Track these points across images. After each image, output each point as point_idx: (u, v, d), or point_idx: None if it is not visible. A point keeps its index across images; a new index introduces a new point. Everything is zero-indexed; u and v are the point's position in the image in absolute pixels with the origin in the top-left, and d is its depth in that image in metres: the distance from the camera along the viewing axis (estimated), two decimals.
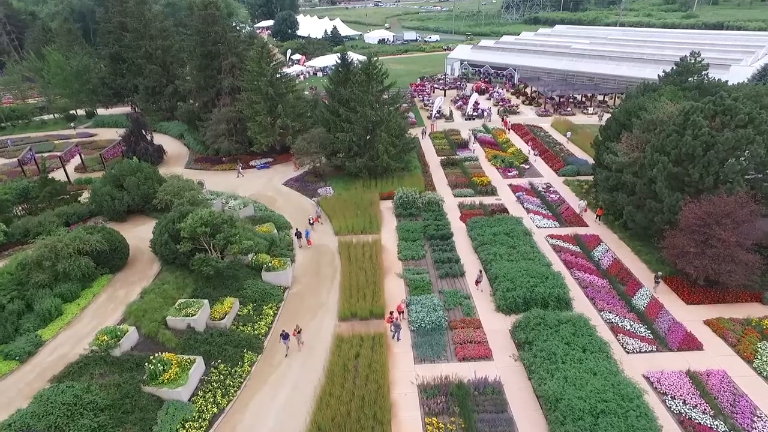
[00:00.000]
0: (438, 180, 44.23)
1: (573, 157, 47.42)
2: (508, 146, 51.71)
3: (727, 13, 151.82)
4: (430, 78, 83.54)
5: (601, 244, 32.63)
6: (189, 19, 61.90)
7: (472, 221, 34.89)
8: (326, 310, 27.29)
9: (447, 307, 26.75)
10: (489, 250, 30.72)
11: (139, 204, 34.59)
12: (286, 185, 44.91)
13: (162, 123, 62.93)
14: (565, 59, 76.40)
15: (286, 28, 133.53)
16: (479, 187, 41.60)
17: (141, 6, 60.47)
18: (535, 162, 47.53)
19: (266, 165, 49.41)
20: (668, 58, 70.29)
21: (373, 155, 42.78)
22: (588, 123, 59.10)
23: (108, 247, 26.77)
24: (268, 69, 46.58)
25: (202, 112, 54.46)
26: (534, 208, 38.12)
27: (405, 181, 43.00)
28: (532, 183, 42.58)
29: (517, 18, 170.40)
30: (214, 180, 46.68)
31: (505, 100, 68.29)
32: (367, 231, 35.21)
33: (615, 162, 33.50)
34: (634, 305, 26.36)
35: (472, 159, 48.07)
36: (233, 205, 37.29)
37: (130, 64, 64.03)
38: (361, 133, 42.07)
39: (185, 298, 25.59)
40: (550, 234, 34.11)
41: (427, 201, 37.83)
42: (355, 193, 41.35)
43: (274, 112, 48.00)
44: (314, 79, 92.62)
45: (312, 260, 32.57)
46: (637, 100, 36.48)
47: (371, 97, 41.02)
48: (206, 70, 52.93)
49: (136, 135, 49.90)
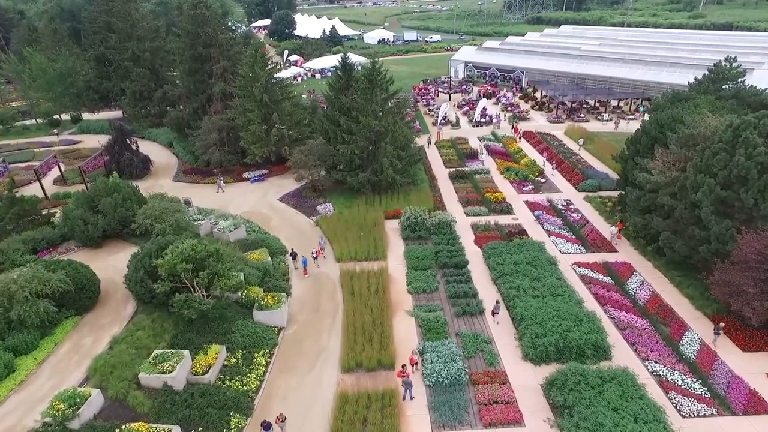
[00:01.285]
0: (447, 195, 40.64)
1: (592, 170, 43.87)
2: (520, 157, 48.14)
3: (733, 13, 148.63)
4: (434, 81, 79.90)
5: (635, 274, 29.09)
6: (178, 19, 58.10)
7: (489, 247, 31.29)
8: (327, 357, 23.68)
9: (467, 355, 23.17)
10: (511, 283, 27.15)
11: (116, 228, 30.85)
12: (282, 201, 41.23)
13: (150, 130, 59.17)
14: (575, 62, 72.88)
15: (283, 27, 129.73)
16: (493, 205, 38.02)
17: (127, 5, 56.66)
18: (552, 176, 43.93)
19: (261, 178, 45.72)
20: (684, 61, 67.04)
21: (376, 169, 39.18)
22: (604, 130, 55.60)
23: (73, 287, 23.09)
24: (262, 74, 42.89)
25: (192, 119, 50.73)
26: (555, 229, 34.56)
27: (411, 197, 39.42)
28: (550, 200, 39.01)
29: (519, 18, 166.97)
30: (204, 194, 43.01)
31: (514, 105, 64.72)
32: (371, 257, 31.60)
33: (649, 181, 29.95)
34: (682, 353, 22.81)
35: (483, 171, 44.46)
36: (223, 227, 33.61)
37: (117, 66, 60.22)
38: (363, 145, 38.46)
39: (162, 348, 21.92)
40: (577, 261, 30.54)
41: (438, 222, 34.22)
42: (358, 211, 37.74)
43: (269, 120, 44.36)
44: (312, 81, 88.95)
45: (311, 292, 28.94)
46: (670, 111, 32.94)
47: (375, 106, 37.40)
48: (196, 74, 49.20)
49: (119, 145, 46.17)
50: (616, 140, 52.07)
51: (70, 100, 62.88)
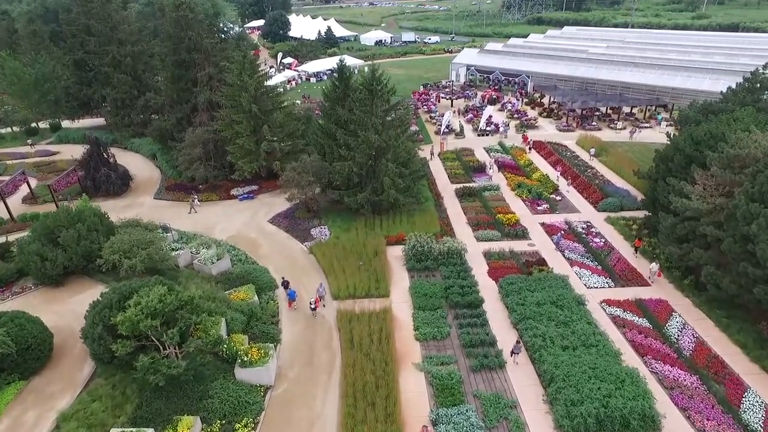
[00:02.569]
0: (455, 216, 36.93)
1: (611, 186, 40.25)
2: (531, 170, 44.49)
3: (736, 13, 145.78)
4: (435, 85, 76.18)
5: (674, 315, 25.48)
6: (160, 22, 54.20)
7: (507, 282, 27.58)
8: (322, 428, 19.93)
9: (488, 425, 19.49)
10: (535, 330, 23.46)
11: (79, 264, 26.95)
12: (272, 223, 37.40)
13: (133, 140, 55.19)
14: (584, 66, 69.37)
15: (278, 28, 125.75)
16: (506, 228, 34.35)
17: (107, 6, 52.66)
18: (568, 192, 40.31)
19: (250, 195, 41.85)
20: (698, 65, 63.75)
21: (377, 187, 35.44)
22: (618, 140, 52.03)
23: (17, 348, 19.26)
24: (251, 82, 39.05)
25: (175, 129, 46.80)
26: (578, 258, 30.90)
27: (415, 218, 35.70)
28: (568, 222, 35.37)
29: (518, 18, 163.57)
30: (188, 214, 39.14)
31: (521, 113, 61.08)
32: (372, 293, 27.85)
33: (688, 208, 26.34)
34: (746, 424, 19.19)
35: (493, 188, 40.74)
36: (205, 257, 29.77)
37: (97, 72, 56.21)
38: (362, 162, 34.70)
39: (121, 427, 18.10)
40: (606, 299, 26.87)
41: (447, 250, 30.49)
42: (357, 235, 34.00)
43: (258, 132, 40.55)
44: (307, 85, 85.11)
45: (304, 338, 25.18)
46: (706, 126, 29.35)
47: (375, 119, 33.63)
48: (180, 81, 45.26)
49: (95, 159, 42.21)
50: (633, 151, 48.69)
51: (48, 107, 58.79)
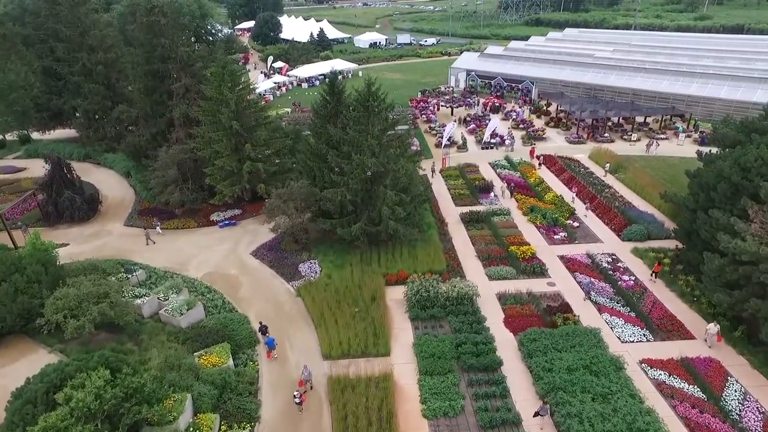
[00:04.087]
0: (462, 247, 32.73)
1: (634, 210, 36.20)
2: (543, 190, 40.36)
3: (736, 13, 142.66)
4: (434, 92, 71.92)
5: (730, 381, 21.43)
6: (131, 28, 49.76)
7: (528, 338, 23.39)
8: None
9: None
10: (568, 407, 19.27)
11: (15, 324, 22.50)
12: (256, 256, 33.04)
13: (107, 155, 50.55)
14: (591, 71, 65.44)
15: (268, 30, 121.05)
16: (521, 263, 30.20)
17: (76, 9, 47.99)
18: (586, 217, 36.26)
19: (232, 221, 37.45)
20: (713, 70, 60.05)
21: (373, 216, 31.20)
22: (633, 153, 48.00)
23: None
24: (231, 96, 34.68)
25: (150, 146, 42.39)
26: (607, 302, 26.79)
27: (417, 251, 31.47)
28: (591, 255, 31.29)
29: (516, 19, 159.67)
30: (162, 244, 34.77)
31: (527, 122, 57.00)
32: (370, 351, 23.62)
33: (742, 251, 22.29)
34: None
35: (503, 213, 36.57)
36: (173, 307, 25.35)
37: (67, 81, 51.56)
38: (357, 188, 30.44)
39: None
40: (646, 359, 22.75)
41: (456, 296, 26.26)
42: (351, 273, 29.72)
43: (240, 151, 36.21)
44: (298, 91, 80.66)
45: (289, 415, 20.86)
46: (758, 151, 25.31)
47: (372, 140, 29.36)
48: (154, 93, 40.85)
49: (57, 182, 37.68)
50: (651, 167, 44.71)
51: (15, 118, 53.97)
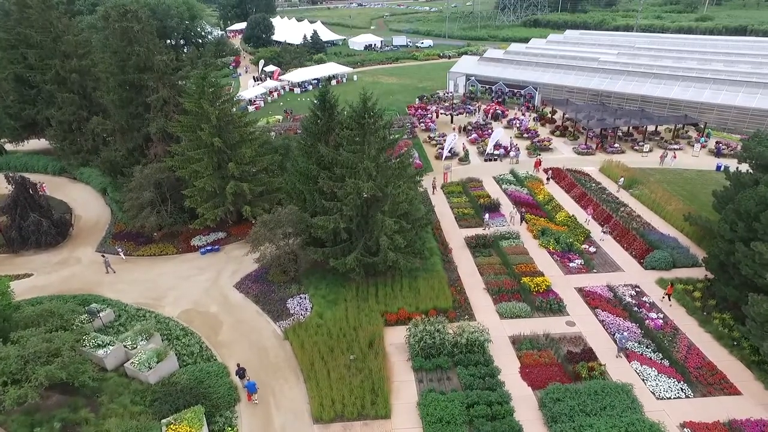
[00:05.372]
0: (469, 278, 29.55)
1: (654, 233, 33.13)
2: (554, 209, 37.26)
3: (737, 14, 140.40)
4: (432, 98, 68.65)
5: None
6: (103, 34, 46.32)
7: (550, 396, 20.21)
8: None
9: None
10: None
11: None
12: (240, 288, 29.72)
13: (83, 169, 47.07)
14: (597, 76, 62.45)
15: (260, 33, 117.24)
16: (536, 298, 27.06)
17: (47, 13, 44.44)
18: (603, 241, 33.16)
19: (215, 247, 34.12)
20: (725, 75, 57.12)
21: (370, 245, 27.97)
22: (646, 166, 44.96)
23: None
24: (212, 110, 31.33)
25: (126, 162, 39.00)
26: (635, 348, 23.64)
27: (419, 283, 28.27)
28: (612, 287, 28.18)
29: (513, 20, 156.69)
30: (137, 273, 31.46)
31: (531, 131, 53.91)
32: (368, 412, 20.39)
33: None
34: None
35: (512, 236, 33.41)
36: (141, 360, 21.95)
37: (40, 89, 48.02)
38: (351, 215, 27.19)
39: None
40: (689, 422, 19.59)
41: (465, 342, 23.05)
42: (346, 311, 26.47)
43: (223, 170, 32.91)
44: (290, 96, 77.25)
45: None
46: None
47: (368, 163, 26.09)
48: (129, 105, 37.45)
49: (22, 204, 34.22)
50: (667, 181, 41.75)
51: None
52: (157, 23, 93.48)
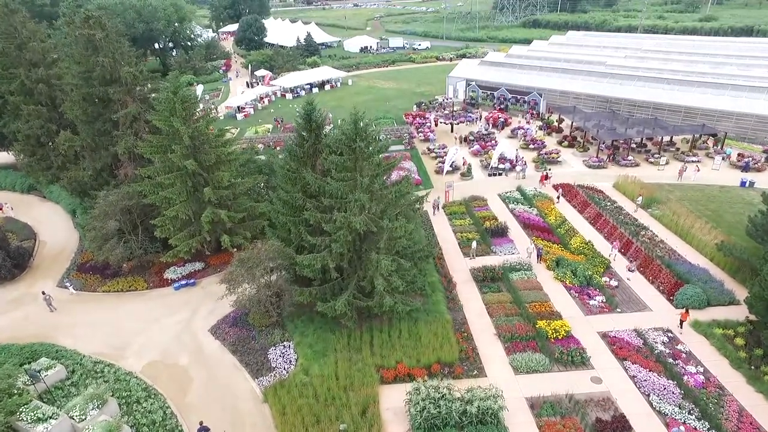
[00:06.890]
0: (476, 319, 25.96)
1: (682, 262, 29.60)
2: (568, 234, 33.71)
3: (739, 13, 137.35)
4: (430, 104, 64.96)
5: None
6: (65, 41, 42.58)
7: None
8: None
9: None
10: None
11: None
12: (215, 334, 26.06)
13: (52, 187, 43.30)
14: (605, 81, 58.97)
15: (252, 35, 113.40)
16: (556, 347, 23.47)
17: (11, 18, 40.58)
18: (629, 280, 29.29)
19: (190, 282, 30.41)
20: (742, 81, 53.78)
21: (364, 285, 24.35)
22: (664, 181, 41.47)
23: None
24: (185, 129, 27.62)
25: (96, 183, 35.27)
26: (675, 412, 20.07)
27: (420, 329, 24.66)
28: (640, 332, 24.60)
29: (512, 20, 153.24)
30: (100, 312, 27.82)
31: (538, 142, 50.36)
32: None
33: None
34: None
35: (523, 268, 29.82)
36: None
37: (5, 100, 44.15)
38: (342, 252, 23.56)
39: None
40: None
41: (476, 412, 19.44)
42: (336, 365, 22.80)
43: (198, 195, 29.23)
44: (282, 103, 73.46)
45: None
46: None
47: (361, 194, 22.44)
48: (97, 121, 33.67)
49: None
50: (688, 199, 38.32)
51: None
52: (143, 26, 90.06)
